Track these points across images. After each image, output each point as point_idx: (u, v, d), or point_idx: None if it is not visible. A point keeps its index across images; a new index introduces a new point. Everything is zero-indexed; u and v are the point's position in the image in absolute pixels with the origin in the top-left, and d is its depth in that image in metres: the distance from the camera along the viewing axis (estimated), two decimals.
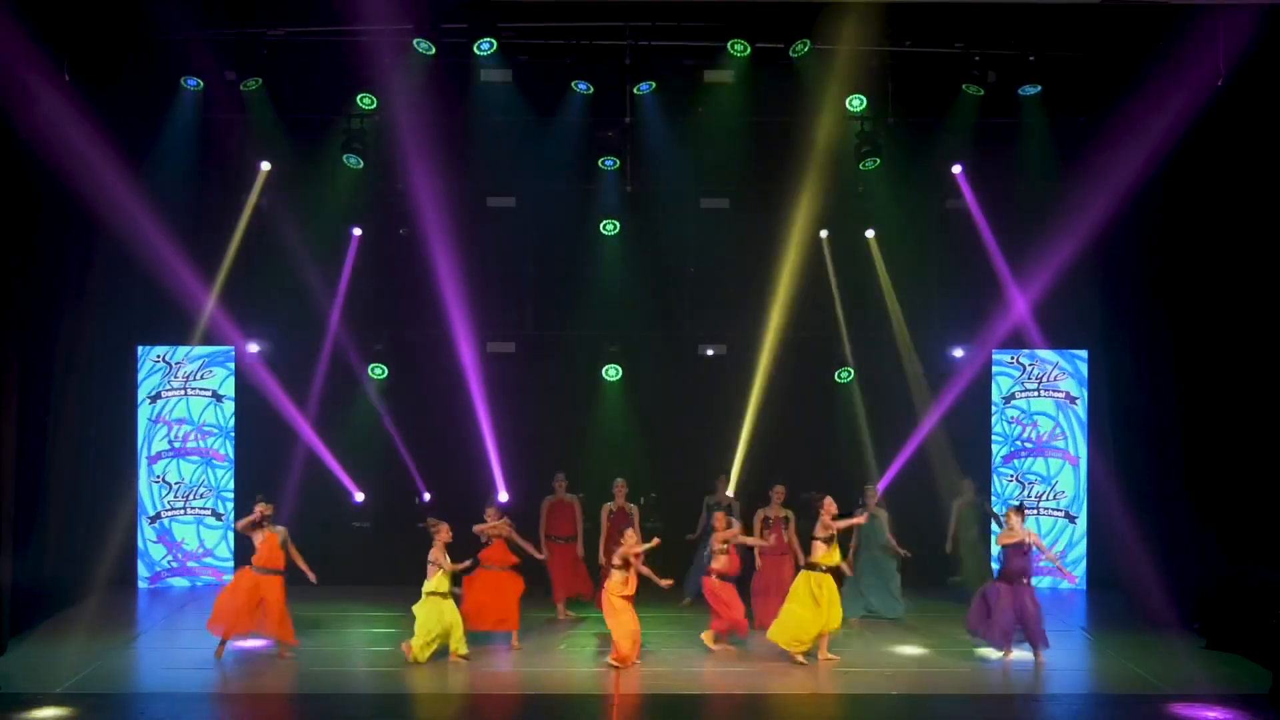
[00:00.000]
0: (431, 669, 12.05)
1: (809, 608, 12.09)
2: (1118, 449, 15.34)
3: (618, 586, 12.09)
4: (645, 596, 12.43)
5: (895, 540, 13.89)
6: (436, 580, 12.20)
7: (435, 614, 12.13)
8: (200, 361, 15.97)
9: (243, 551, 15.67)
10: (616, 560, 12.15)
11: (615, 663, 11.92)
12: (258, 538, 12.36)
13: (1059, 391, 16.25)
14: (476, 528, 12.92)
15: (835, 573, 12.44)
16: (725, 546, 12.63)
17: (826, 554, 12.21)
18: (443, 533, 12.38)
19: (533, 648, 12.91)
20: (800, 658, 12.15)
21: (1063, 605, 15.23)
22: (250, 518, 12.38)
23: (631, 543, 12.13)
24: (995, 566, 13.56)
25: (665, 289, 16.39)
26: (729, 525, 12.82)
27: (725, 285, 16.31)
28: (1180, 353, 14.01)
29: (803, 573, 12.34)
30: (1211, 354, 13.45)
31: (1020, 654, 12.59)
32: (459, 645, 12.24)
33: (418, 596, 12.25)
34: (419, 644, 12.08)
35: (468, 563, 12.63)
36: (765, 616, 13.06)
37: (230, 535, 15.84)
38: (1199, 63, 12.92)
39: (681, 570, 14.57)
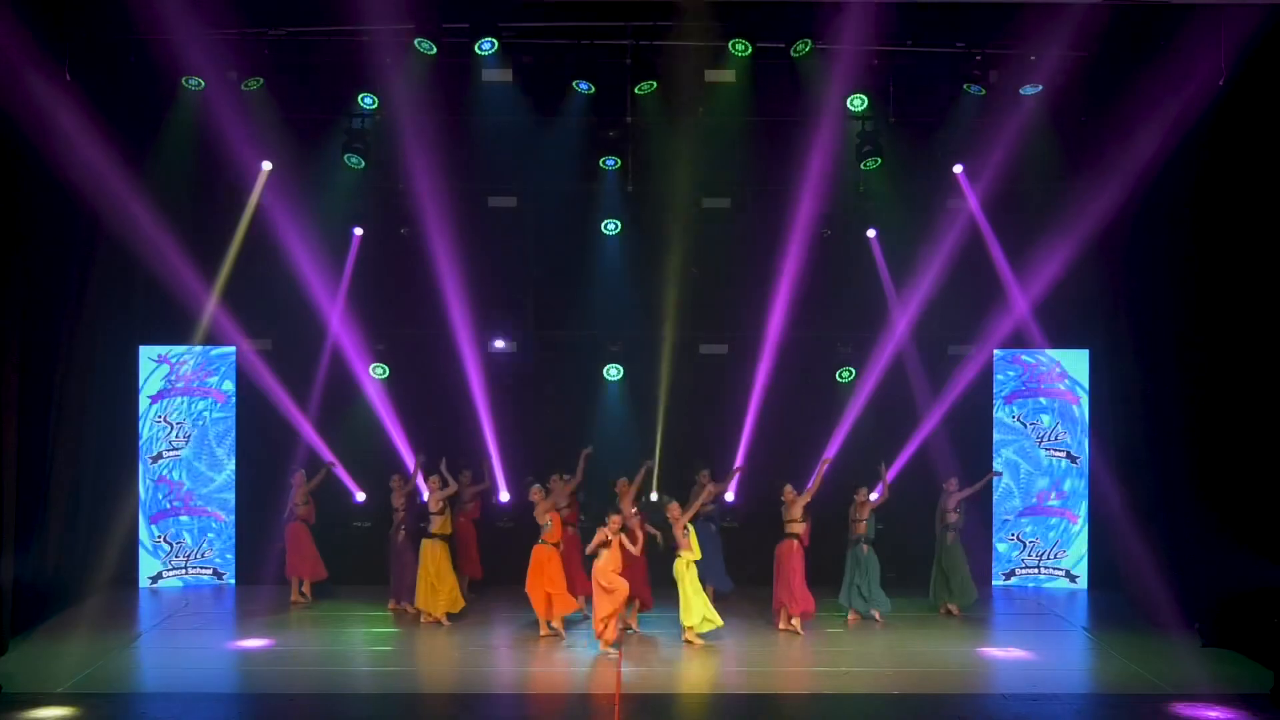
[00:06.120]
0: (430, 668, 12.05)
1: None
2: (1119, 449, 15.32)
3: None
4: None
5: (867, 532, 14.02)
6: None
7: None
8: (201, 361, 15.97)
9: (243, 552, 15.75)
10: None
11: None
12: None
13: (1061, 391, 16.24)
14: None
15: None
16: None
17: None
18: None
19: (533, 647, 12.92)
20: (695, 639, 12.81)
21: (1064, 605, 15.23)
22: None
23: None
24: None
25: (666, 289, 16.35)
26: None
27: (726, 285, 16.31)
28: (1182, 352, 13.99)
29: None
30: (1214, 353, 13.43)
31: (1020, 654, 12.62)
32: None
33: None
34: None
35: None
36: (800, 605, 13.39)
37: (233, 534, 15.86)
38: (1200, 62, 12.91)
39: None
